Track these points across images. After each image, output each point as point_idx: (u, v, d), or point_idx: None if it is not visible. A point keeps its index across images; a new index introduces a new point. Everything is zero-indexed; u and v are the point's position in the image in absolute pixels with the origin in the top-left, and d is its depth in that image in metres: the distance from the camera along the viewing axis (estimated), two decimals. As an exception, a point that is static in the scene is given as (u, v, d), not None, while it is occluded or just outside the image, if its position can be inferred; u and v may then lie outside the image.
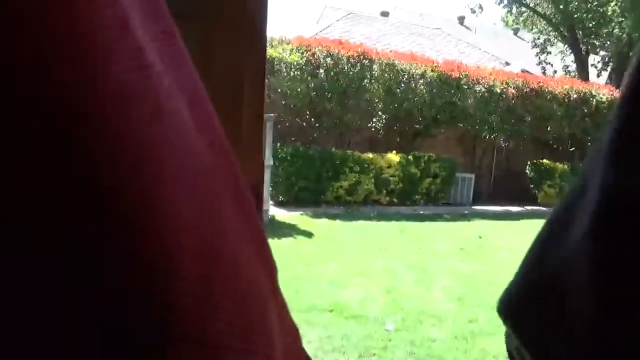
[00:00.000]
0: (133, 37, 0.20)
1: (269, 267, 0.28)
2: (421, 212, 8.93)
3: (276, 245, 5.69)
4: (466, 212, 9.57)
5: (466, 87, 10.08)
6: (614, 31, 16.23)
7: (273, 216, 7.39)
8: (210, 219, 0.22)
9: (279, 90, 8.53)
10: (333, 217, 7.76)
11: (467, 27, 25.50)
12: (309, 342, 3.31)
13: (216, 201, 0.23)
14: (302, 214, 7.79)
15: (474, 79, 10.20)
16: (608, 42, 17.27)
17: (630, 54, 15.73)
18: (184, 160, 0.21)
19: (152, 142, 0.20)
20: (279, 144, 8.34)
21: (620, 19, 15.72)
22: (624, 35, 15.92)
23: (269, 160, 7.03)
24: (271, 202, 7.92)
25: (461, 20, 26.06)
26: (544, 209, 10.65)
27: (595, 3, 15.80)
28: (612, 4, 15.53)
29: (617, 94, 12.53)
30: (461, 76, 10.05)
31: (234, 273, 0.23)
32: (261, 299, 0.26)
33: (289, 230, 6.62)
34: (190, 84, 0.24)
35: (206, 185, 0.22)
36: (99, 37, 0.18)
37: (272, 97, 8.57)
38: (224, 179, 0.25)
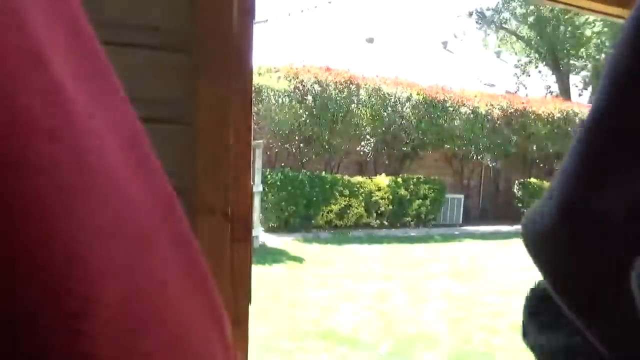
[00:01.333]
0: (46, 71, 0.18)
1: (218, 320, 0.25)
2: (412, 234, 8.94)
3: (267, 272, 5.64)
4: (457, 232, 9.60)
5: (452, 109, 10.24)
6: (591, 52, 16.69)
7: (264, 242, 7.35)
8: (139, 263, 0.20)
9: (268, 117, 8.59)
10: (324, 241, 7.73)
11: (450, 51, 26.03)
12: (303, 369, 3.27)
13: (148, 246, 0.21)
14: (292, 239, 7.75)
15: (459, 100, 10.38)
16: (587, 63, 17.72)
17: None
18: (108, 201, 0.20)
19: (73, 180, 0.18)
20: (268, 170, 8.35)
21: (597, 40, 16.18)
22: (603, 55, 16.36)
23: (258, 187, 7.03)
24: (261, 228, 7.88)
25: (445, 44, 26.61)
26: (534, 227, 10.70)
27: (572, 27, 16.28)
28: (590, 26, 16.01)
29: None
30: (446, 98, 10.21)
31: (168, 319, 0.21)
32: (207, 354, 0.23)
33: (279, 256, 6.58)
34: (126, 126, 0.23)
35: (136, 227, 0.21)
36: (3, 67, 0.17)
37: (261, 124, 8.62)
38: (161, 225, 0.23)
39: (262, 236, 7.60)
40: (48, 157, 0.18)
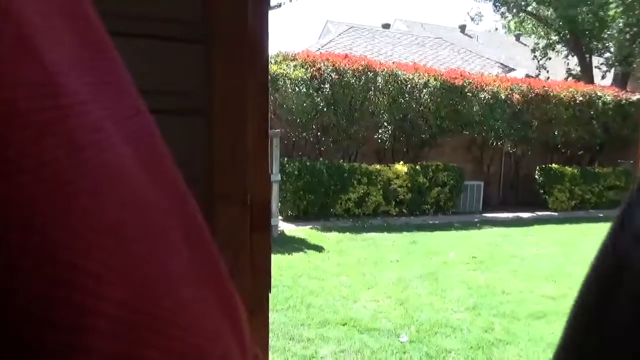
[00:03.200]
0: (37, 60, 0.17)
1: (232, 314, 0.25)
2: (431, 222, 8.89)
3: (286, 260, 5.68)
4: (476, 220, 9.51)
5: (470, 94, 10.08)
6: (614, 33, 16.22)
7: (282, 231, 7.39)
8: (144, 263, 0.19)
9: (285, 106, 8.58)
10: (342, 230, 7.74)
11: (469, 35, 25.61)
12: (323, 357, 3.29)
13: (157, 243, 0.20)
14: (311, 228, 7.78)
15: (478, 86, 10.21)
16: (610, 44, 17.24)
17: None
18: (110, 199, 0.18)
19: (66, 178, 0.17)
20: (286, 159, 8.37)
21: (621, 20, 15.71)
22: (627, 36, 15.90)
23: (276, 176, 7.05)
24: (280, 217, 7.93)
25: (462, 28, 26.18)
26: (555, 214, 10.56)
27: (594, 7, 15.81)
28: (612, 5, 15.54)
29: (622, 95, 12.43)
30: (465, 84, 10.06)
31: (175, 320, 0.20)
32: (218, 351, 0.23)
33: (298, 244, 6.61)
34: (133, 118, 0.21)
35: (143, 225, 0.20)
36: None
37: (278, 113, 8.63)
38: (172, 219, 0.22)
39: (280, 225, 7.65)
40: (36, 155, 0.16)
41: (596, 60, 18.19)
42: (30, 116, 0.16)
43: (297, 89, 8.61)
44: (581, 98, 11.21)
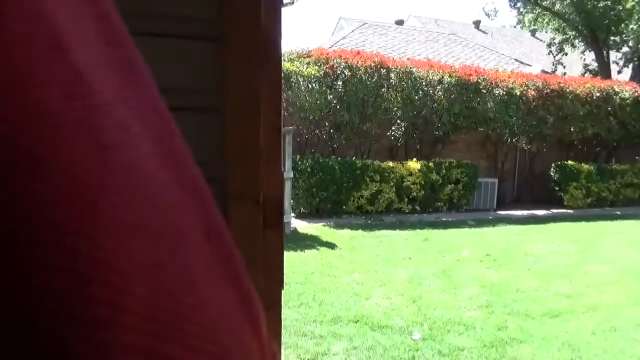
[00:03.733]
0: (67, 61, 0.17)
1: (251, 312, 0.25)
2: (444, 219, 8.84)
3: (299, 257, 5.69)
4: (490, 217, 9.43)
5: (485, 90, 9.99)
6: (633, 27, 15.90)
7: (295, 228, 7.41)
8: (168, 262, 0.20)
9: (297, 103, 8.59)
10: (355, 227, 7.73)
11: (484, 31, 25.33)
12: (335, 354, 3.30)
13: (180, 241, 0.21)
14: (324, 225, 7.79)
15: (493, 82, 10.11)
16: (630, 37, 16.91)
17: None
18: (134, 198, 0.19)
19: (95, 178, 0.17)
20: (298, 156, 8.38)
21: (639, 14, 15.41)
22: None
23: (289, 173, 7.06)
24: (293, 214, 7.95)
25: (477, 24, 25.91)
26: (571, 211, 10.43)
27: (612, 1, 15.52)
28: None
29: (640, 89, 12.10)
30: (479, 80, 9.97)
31: (197, 318, 0.21)
32: (239, 348, 0.23)
33: (311, 241, 6.62)
34: (155, 117, 0.22)
35: (166, 224, 0.20)
36: (17, 57, 0.16)
37: (291, 110, 8.64)
38: (194, 218, 0.22)
39: (293, 222, 7.67)
40: (67, 155, 0.17)
41: (613, 55, 17.89)
42: (61, 116, 0.17)
43: (310, 86, 8.61)
44: (598, 94, 11.04)
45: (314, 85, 8.64)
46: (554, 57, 18.94)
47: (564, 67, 18.56)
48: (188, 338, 0.20)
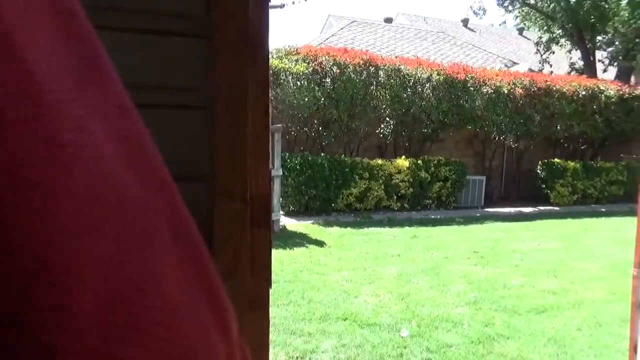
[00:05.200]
0: (16, 59, 0.17)
1: (220, 312, 0.24)
2: (433, 217, 8.89)
3: (288, 255, 5.69)
4: (478, 214, 9.51)
5: (473, 89, 10.05)
6: (618, 26, 16.10)
7: (284, 226, 7.40)
8: (128, 263, 0.19)
9: (286, 100, 8.57)
10: (344, 224, 7.75)
11: (472, 29, 25.48)
12: (324, 351, 3.30)
13: (143, 242, 0.20)
14: (313, 223, 7.79)
15: (481, 80, 10.18)
16: (614, 37, 17.12)
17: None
18: (90, 198, 0.18)
19: (44, 177, 0.17)
20: (287, 154, 8.36)
21: (624, 14, 15.61)
22: (630, 29, 15.79)
23: (278, 171, 7.05)
24: (282, 212, 7.94)
25: (465, 22, 26.04)
26: (557, 208, 10.55)
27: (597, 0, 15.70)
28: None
29: (625, 89, 12.38)
30: (467, 78, 10.03)
31: (159, 319, 0.20)
32: (204, 349, 0.22)
33: (300, 239, 6.62)
34: (118, 116, 0.21)
35: (127, 224, 0.19)
36: None
37: (280, 108, 8.61)
38: (159, 218, 0.21)
39: (282, 220, 7.66)
40: (14, 154, 0.16)
41: (599, 54, 18.09)
42: (8, 114, 0.16)
43: (298, 84, 8.59)
44: (584, 92, 11.17)
45: (302, 82, 8.62)
46: (541, 55, 19.12)
47: (551, 65, 18.73)
48: (147, 339, 0.19)
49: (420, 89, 9.61)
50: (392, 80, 9.39)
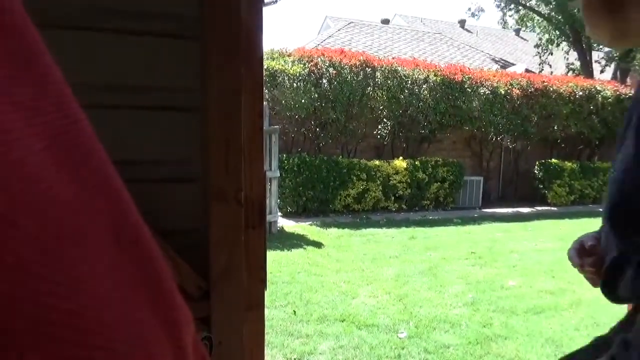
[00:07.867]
0: None
1: (169, 316, 0.24)
2: (430, 218, 8.89)
3: (286, 257, 5.69)
4: (476, 215, 9.52)
5: (470, 90, 10.07)
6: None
7: (282, 227, 7.40)
8: (41, 264, 0.18)
9: (283, 102, 8.57)
10: (342, 226, 7.74)
11: (469, 30, 25.52)
12: (321, 353, 3.30)
13: (67, 242, 0.19)
14: (310, 224, 7.78)
15: (478, 81, 10.20)
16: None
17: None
18: (3, 195, 0.18)
19: None
20: (285, 155, 8.36)
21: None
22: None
23: (275, 172, 7.05)
24: (279, 214, 7.93)
25: (462, 23, 26.10)
26: (554, 209, 10.57)
27: None
28: None
29: (622, 89, 12.44)
30: (464, 79, 10.04)
31: (78, 324, 0.19)
32: (140, 355, 0.22)
33: (298, 241, 6.61)
34: (54, 114, 0.20)
35: (47, 224, 0.19)
36: None
37: (277, 109, 8.61)
38: (95, 219, 0.21)
39: (280, 221, 7.65)
40: None
41: (596, 55, 18.15)
42: None
43: (295, 85, 8.59)
44: (581, 93, 11.20)
45: (299, 83, 8.62)
46: (540, 57, 19.17)
47: (551, 66, 18.79)
48: (60, 345, 0.18)
49: (417, 90, 9.62)
50: (389, 82, 9.41)
